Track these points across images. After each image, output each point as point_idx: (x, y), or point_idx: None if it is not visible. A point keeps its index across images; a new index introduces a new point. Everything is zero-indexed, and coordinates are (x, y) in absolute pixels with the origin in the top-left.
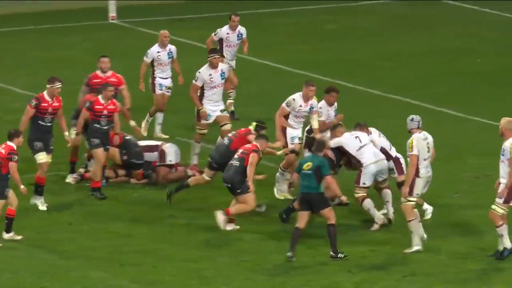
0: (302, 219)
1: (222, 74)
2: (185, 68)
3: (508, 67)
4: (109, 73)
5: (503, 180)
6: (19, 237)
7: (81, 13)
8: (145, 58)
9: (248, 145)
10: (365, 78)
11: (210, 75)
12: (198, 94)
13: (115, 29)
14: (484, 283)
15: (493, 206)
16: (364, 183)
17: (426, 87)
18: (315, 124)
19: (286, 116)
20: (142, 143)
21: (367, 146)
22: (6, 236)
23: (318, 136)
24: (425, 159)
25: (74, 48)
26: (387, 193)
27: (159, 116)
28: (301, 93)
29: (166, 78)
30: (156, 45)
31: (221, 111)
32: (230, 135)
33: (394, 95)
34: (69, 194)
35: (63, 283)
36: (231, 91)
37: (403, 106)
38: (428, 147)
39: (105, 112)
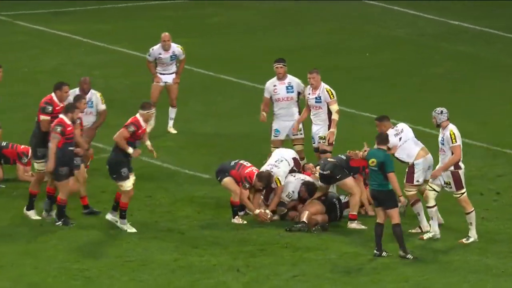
0: (380, 215)
1: (289, 88)
2: (60, 63)
3: (380, 62)
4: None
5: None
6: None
7: None
8: (147, 57)
9: None
10: (250, 73)
11: (275, 86)
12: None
13: None
14: (373, 281)
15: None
16: (418, 181)
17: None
18: (333, 116)
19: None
20: None
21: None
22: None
23: (332, 130)
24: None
25: None
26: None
27: (172, 111)
28: None
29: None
30: (156, 46)
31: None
32: None
33: None
34: None
35: None
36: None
37: None
38: None
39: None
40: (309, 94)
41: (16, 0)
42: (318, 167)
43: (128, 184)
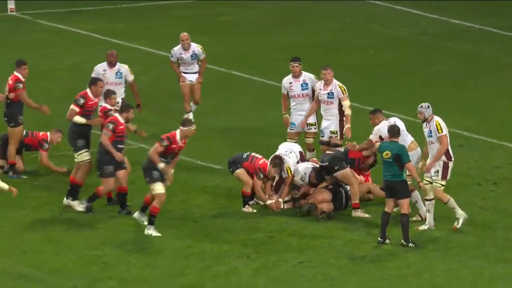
0: (389, 205)
1: (304, 85)
2: (80, 60)
3: (384, 59)
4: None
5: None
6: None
7: None
8: (170, 58)
9: None
10: (260, 70)
11: (291, 83)
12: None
13: (14, 21)
14: (377, 267)
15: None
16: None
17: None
18: (346, 111)
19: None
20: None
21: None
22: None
23: (348, 126)
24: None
25: None
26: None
27: (193, 106)
28: None
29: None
30: (176, 47)
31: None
32: None
33: None
34: None
35: None
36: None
37: None
38: None
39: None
40: (321, 89)
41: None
42: None
43: (158, 187)
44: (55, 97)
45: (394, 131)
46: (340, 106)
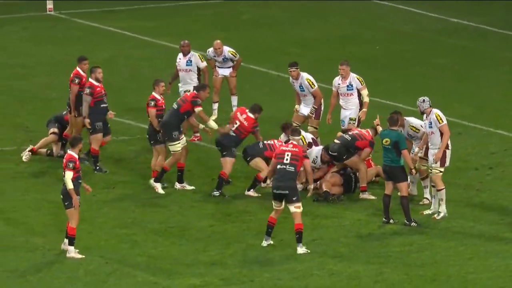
0: (389, 187)
1: (301, 87)
2: (112, 55)
3: (390, 52)
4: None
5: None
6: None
7: (19, 5)
8: (206, 55)
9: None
10: (275, 63)
11: (339, 84)
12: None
13: (52, 19)
14: (382, 245)
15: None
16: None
17: (328, 71)
18: (365, 99)
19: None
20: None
21: None
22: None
23: (364, 110)
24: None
25: (12, 36)
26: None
27: (233, 99)
28: None
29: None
30: (211, 49)
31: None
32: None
33: None
34: (10, 168)
35: (6, 248)
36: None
37: None
38: None
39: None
40: (339, 84)
41: (72, 0)
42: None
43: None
44: None
45: (392, 120)
46: (359, 95)
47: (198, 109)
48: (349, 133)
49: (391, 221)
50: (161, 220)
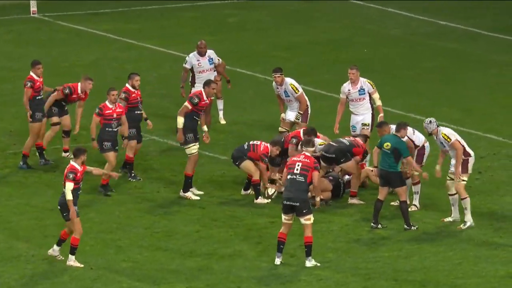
0: (382, 193)
1: (285, 92)
2: (97, 58)
3: (379, 56)
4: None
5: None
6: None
7: (3, 8)
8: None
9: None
10: (263, 66)
11: (349, 90)
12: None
13: (36, 22)
14: (371, 250)
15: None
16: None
17: (315, 74)
18: (377, 103)
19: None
20: None
21: None
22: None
23: (381, 114)
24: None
25: None
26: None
27: (219, 103)
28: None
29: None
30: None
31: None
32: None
33: None
34: None
35: None
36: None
37: None
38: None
39: (114, 115)
40: (350, 89)
41: (57, 0)
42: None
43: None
44: None
45: (399, 126)
46: (370, 99)
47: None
48: (347, 138)
49: (379, 226)
50: (147, 225)
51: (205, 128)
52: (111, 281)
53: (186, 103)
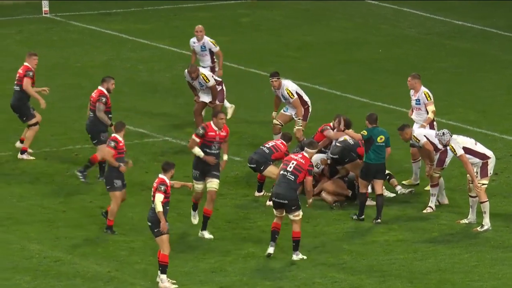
0: (365, 186)
1: (283, 96)
2: (109, 58)
3: (393, 56)
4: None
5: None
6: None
7: (14, 7)
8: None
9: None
10: (276, 66)
11: (275, 92)
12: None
13: (48, 22)
14: (386, 251)
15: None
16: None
17: (329, 74)
18: (429, 114)
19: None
20: None
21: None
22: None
23: (424, 124)
24: (476, 144)
25: (6, 39)
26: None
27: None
28: None
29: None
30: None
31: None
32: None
33: (302, 82)
34: (6, 174)
35: (2, 255)
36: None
37: (312, 92)
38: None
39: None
40: (412, 97)
41: (69, 0)
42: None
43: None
44: (87, 92)
45: (372, 119)
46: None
47: None
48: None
49: (362, 217)
50: None
51: (225, 157)
52: (124, 283)
53: (193, 136)
